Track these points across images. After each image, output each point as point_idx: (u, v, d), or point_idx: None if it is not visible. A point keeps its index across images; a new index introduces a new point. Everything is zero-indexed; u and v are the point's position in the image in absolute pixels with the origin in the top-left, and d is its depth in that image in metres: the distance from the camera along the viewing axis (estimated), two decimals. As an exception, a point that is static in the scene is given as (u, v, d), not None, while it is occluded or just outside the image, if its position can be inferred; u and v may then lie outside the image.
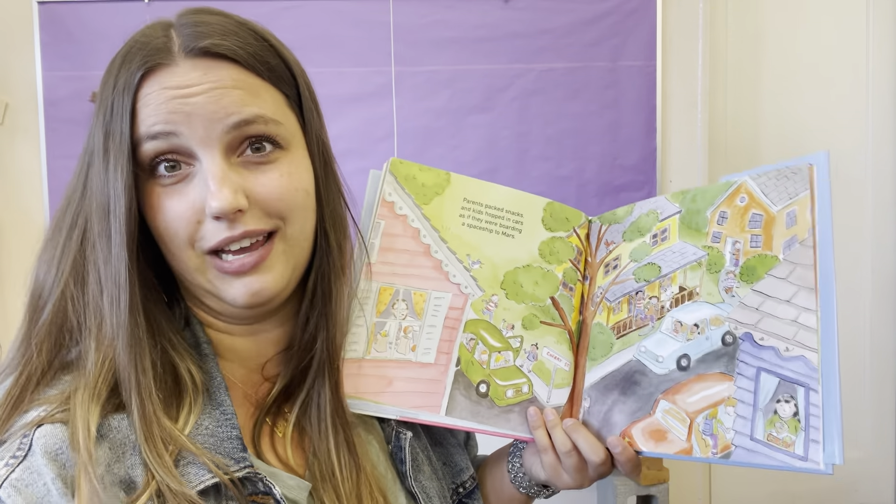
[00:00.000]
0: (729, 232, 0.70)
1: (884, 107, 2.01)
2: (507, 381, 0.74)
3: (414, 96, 1.89)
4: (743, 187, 0.71)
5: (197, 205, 0.58)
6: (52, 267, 0.61)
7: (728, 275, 0.69)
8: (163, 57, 0.58)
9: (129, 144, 0.57)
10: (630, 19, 1.88)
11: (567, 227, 0.80)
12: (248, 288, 0.60)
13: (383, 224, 0.74)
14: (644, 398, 0.69)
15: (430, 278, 0.74)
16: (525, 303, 0.76)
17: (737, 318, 0.67)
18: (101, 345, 0.57)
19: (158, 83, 0.57)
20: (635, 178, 1.91)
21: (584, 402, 0.73)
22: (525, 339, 0.75)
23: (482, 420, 0.72)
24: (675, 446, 0.66)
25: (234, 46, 0.58)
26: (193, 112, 0.56)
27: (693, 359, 0.68)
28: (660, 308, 0.72)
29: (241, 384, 0.67)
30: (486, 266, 0.76)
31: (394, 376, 0.72)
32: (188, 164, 0.58)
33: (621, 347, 0.73)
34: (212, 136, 0.56)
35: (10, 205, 1.91)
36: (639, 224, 0.77)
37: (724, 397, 0.65)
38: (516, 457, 0.79)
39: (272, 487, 0.58)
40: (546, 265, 0.78)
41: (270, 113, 0.59)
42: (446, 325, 0.74)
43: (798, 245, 0.65)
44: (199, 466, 0.56)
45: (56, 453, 0.52)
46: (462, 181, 0.77)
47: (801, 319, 0.63)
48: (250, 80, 0.59)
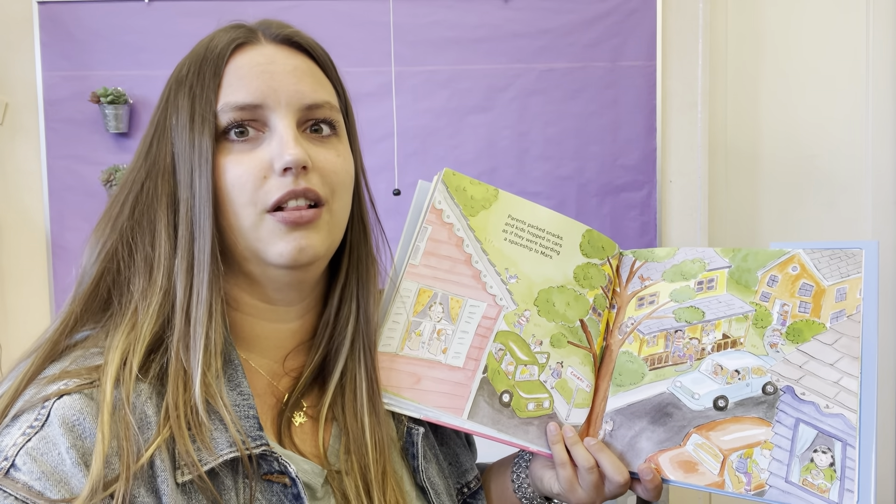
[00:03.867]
0: (778, 294, 0.76)
1: (884, 107, 2.01)
2: (530, 395, 0.76)
3: (414, 96, 1.89)
4: (796, 258, 0.77)
5: (265, 162, 0.63)
6: (108, 231, 0.65)
7: (774, 332, 0.75)
8: (252, 37, 0.66)
9: (214, 112, 0.63)
10: (630, 19, 1.88)
11: (602, 255, 0.83)
12: (297, 243, 0.64)
13: (430, 229, 0.78)
14: (675, 430, 0.73)
15: (468, 286, 0.78)
16: (555, 321, 0.79)
17: (780, 371, 0.73)
18: (153, 303, 0.61)
19: (248, 58, 0.65)
20: (635, 178, 1.91)
21: (605, 424, 0.76)
22: (551, 356, 0.78)
23: (502, 429, 0.74)
24: (706, 479, 0.70)
25: (309, 41, 0.69)
26: (279, 88, 0.64)
27: (731, 401, 0.73)
28: (700, 350, 0.76)
29: (266, 374, 0.70)
30: (523, 282, 0.79)
31: (422, 375, 0.75)
32: (259, 130, 0.64)
33: (655, 379, 0.77)
34: (290, 109, 0.64)
35: (10, 205, 1.91)
36: (682, 268, 0.82)
37: (761, 440, 0.70)
38: (521, 468, 0.81)
39: (287, 466, 0.61)
40: (579, 288, 0.81)
41: (334, 101, 0.69)
42: (478, 332, 0.77)
43: (846, 318, 0.73)
44: (225, 436, 0.59)
45: (73, 424, 0.54)
46: (509, 199, 0.81)
47: (844, 382, 0.70)
48: (319, 74, 0.68)
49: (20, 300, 1.90)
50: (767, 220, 2.07)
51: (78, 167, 1.87)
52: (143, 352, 0.59)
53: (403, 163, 1.89)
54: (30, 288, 1.89)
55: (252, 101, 0.63)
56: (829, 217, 2.05)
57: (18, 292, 1.90)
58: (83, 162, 1.87)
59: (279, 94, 0.64)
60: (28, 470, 0.52)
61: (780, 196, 2.06)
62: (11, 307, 1.90)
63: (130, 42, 1.84)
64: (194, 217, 0.62)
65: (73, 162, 1.87)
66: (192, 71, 0.65)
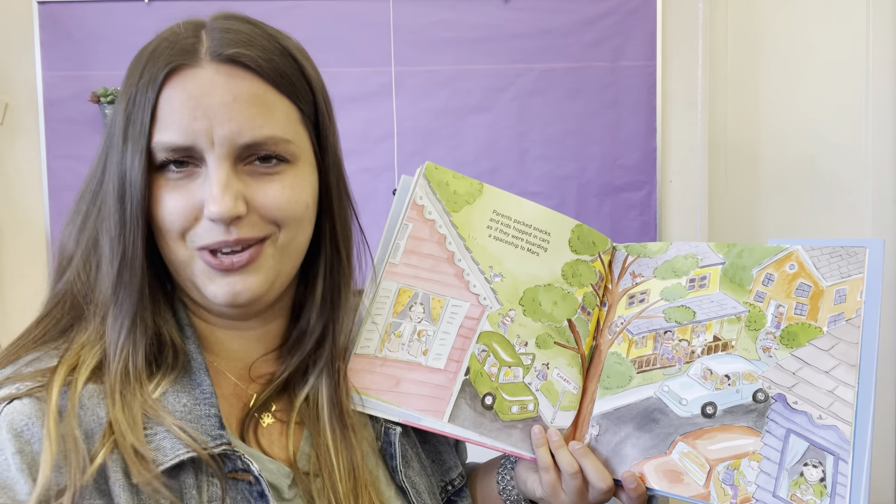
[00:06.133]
0: (774, 294, 0.72)
1: (884, 107, 2.01)
2: (514, 397, 0.74)
3: (414, 96, 1.89)
4: (794, 255, 0.73)
5: (197, 203, 0.60)
6: (71, 244, 0.65)
7: (768, 335, 0.71)
8: (189, 58, 0.60)
9: (147, 137, 0.59)
10: (630, 19, 1.88)
11: (593, 251, 0.80)
12: (231, 287, 0.62)
13: (411, 227, 0.75)
14: (661, 437, 0.71)
15: (450, 285, 0.75)
16: (541, 321, 0.76)
17: (772, 377, 0.69)
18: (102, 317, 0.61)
19: (182, 84, 0.59)
20: (635, 178, 1.91)
21: (591, 428, 0.74)
22: (537, 357, 0.75)
23: (484, 432, 0.73)
24: (691, 490, 0.68)
25: (257, 58, 0.60)
26: (213, 127, 0.59)
27: (720, 408, 0.70)
28: (689, 352, 0.73)
29: (232, 377, 0.68)
30: (508, 280, 0.76)
31: (402, 377, 0.73)
32: (196, 165, 0.61)
33: (642, 382, 0.74)
34: (223, 150, 0.59)
35: (10, 205, 1.91)
36: (674, 264, 0.78)
37: (750, 451, 0.67)
38: (507, 469, 0.80)
39: (250, 464, 0.59)
40: (567, 287, 0.78)
41: (281, 132, 0.62)
42: (460, 333, 0.74)
43: (844, 322, 0.68)
44: (175, 441, 0.57)
45: (20, 430, 0.54)
46: (494, 193, 0.77)
47: (839, 392, 0.66)
48: (268, 95, 0.61)
49: (20, 300, 1.89)
50: (767, 220, 2.07)
51: (78, 167, 1.87)
52: (93, 364, 0.59)
53: (403, 163, 1.89)
54: (29, 288, 1.89)
55: (183, 144, 0.59)
56: (829, 217, 2.05)
57: (18, 292, 1.90)
58: (83, 162, 1.86)
59: (212, 135, 0.58)
60: None
61: (780, 196, 2.06)
62: (11, 307, 1.90)
63: (130, 42, 1.82)
64: (125, 244, 0.60)
65: (73, 162, 1.87)
66: (133, 88, 0.61)
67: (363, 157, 1.82)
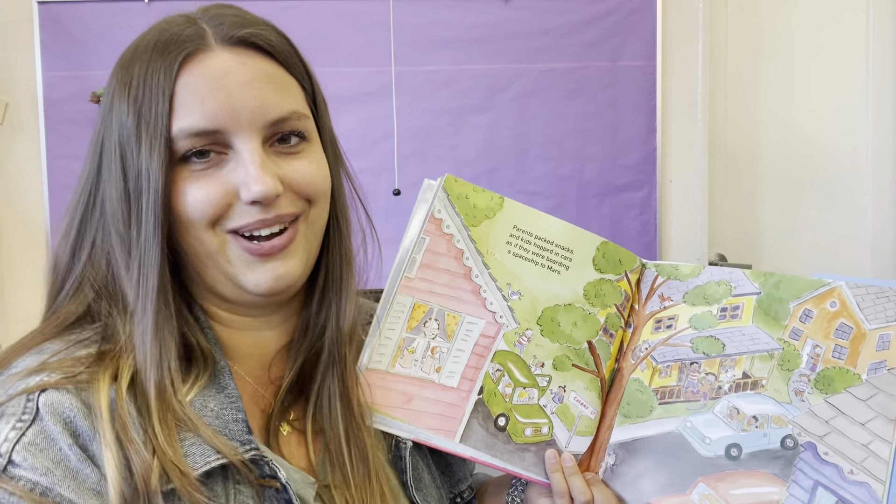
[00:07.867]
0: (811, 333, 0.67)
1: (884, 107, 2.01)
2: (528, 419, 0.72)
3: (414, 96, 1.89)
4: (836, 292, 0.67)
5: (230, 189, 0.59)
6: (70, 252, 0.62)
7: (801, 377, 0.66)
8: (199, 43, 0.59)
9: (167, 128, 0.57)
10: (630, 19, 1.88)
11: (619, 269, 0.76)
12: (273, 273, 0.61)
13: (428, 240, 0.72)
14: (681, 476, 0.67)
15: (466, 302, 0.73)
16: (559, 343, 0.74)
17: (803, 424, 0.65)
18: (126, 324, 0.59)
19: (199, 70, 0.58)
20: (635, 178, 1.91)
21: (608, 456, 0.72)
22: (553, 379, 0.73)
23: (496, 454, 0.71)
24: None
25: (267, 38, 0.61)
26: (238, 106, 0.58)
27: (745, 451, 0.66)
28: (716, 388, 0.69)
29: (252, 382, 0.68)
30: (526, 298, 0.74)
31: (414, 394, 0.71)
32: (221, 152, 0.59)
33: (663, 415, 0.70)
34: (253, 130, 0.59)
35: (10, 205, 1.91)
36: (706, 290, 0.73)
37: (774, 500, 0.63)
38: (518, 491, 0.78)
39: (277, 471, 0.59)
40: (589, 307, 0.75)
41: (301, 107, 0.62)
42: (475, 351, 0.73)
43: (886, 371, 0.63)
44: (205, 447, 0.56)
45: (67, 421, 0.53)
46: (515, 208, 0.75)
47: (874, 447, 0.62)
48: (281, 75, 0.61)
49: (20, 300, 1.89)
50: (767, 220, 2.08)
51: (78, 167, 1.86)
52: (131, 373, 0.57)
53: (403, 163, 1.89)
54: (30, 288, 1.89)
55: (209, 127, 0.57)
56: (829, 216, 2.05)
57: (18, 292, 1.90)
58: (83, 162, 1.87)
59: (239, 115, 0.58)
60: (30, 466, 0.50)
61: (779, 195, 2.06)
62: (11, 307, 1.90)
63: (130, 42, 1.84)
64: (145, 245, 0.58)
65: (73, 162, 1.87)
66: (139, 82, 0.59)
67: (363, 157, 1.82)
